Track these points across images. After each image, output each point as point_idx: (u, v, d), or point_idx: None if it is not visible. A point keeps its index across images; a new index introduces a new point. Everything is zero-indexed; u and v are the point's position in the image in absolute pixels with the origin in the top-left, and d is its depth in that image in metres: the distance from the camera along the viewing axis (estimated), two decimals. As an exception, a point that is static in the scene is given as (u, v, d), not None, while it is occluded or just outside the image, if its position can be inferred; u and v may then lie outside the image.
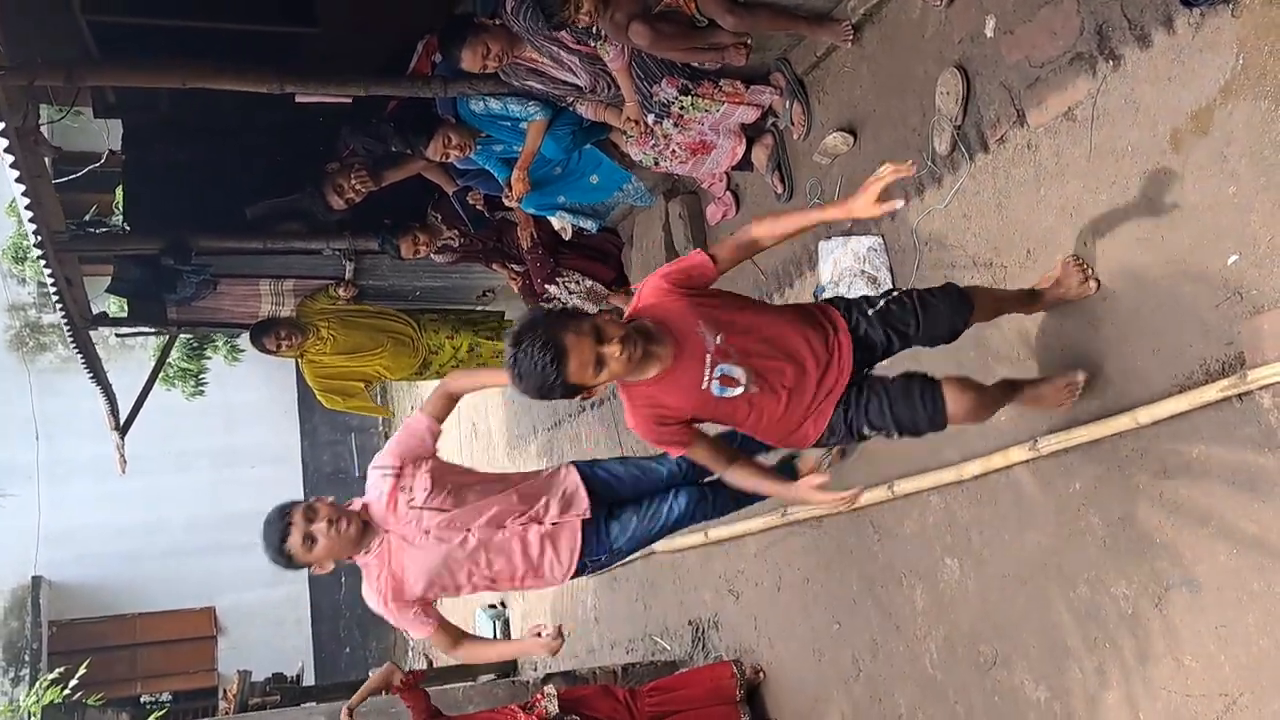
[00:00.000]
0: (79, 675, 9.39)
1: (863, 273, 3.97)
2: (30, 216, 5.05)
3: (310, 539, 3.28)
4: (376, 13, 5.61)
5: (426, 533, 3.41)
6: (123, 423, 7.31)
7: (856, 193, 2.70)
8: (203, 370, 12.47)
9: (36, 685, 9.72)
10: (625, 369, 2.65)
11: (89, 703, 9.86)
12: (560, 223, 5.65)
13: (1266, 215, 2.52)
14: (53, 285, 5.83)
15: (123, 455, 7.58)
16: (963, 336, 3.03)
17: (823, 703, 4.55)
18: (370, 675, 4.55)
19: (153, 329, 7.69)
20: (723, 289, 2.91)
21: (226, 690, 9.64)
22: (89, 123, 6.80)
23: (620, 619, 6.77)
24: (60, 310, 6.21)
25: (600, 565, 3.76)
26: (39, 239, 5.26)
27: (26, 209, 4.98)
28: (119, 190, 7.16)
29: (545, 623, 3.53)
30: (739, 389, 2.76)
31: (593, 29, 4.09)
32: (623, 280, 6.23)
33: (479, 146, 5.04)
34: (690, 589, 5.75)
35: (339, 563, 3.43)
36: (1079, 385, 3.05)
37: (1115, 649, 3.05)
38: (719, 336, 2.73)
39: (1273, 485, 2.55)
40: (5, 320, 14.94)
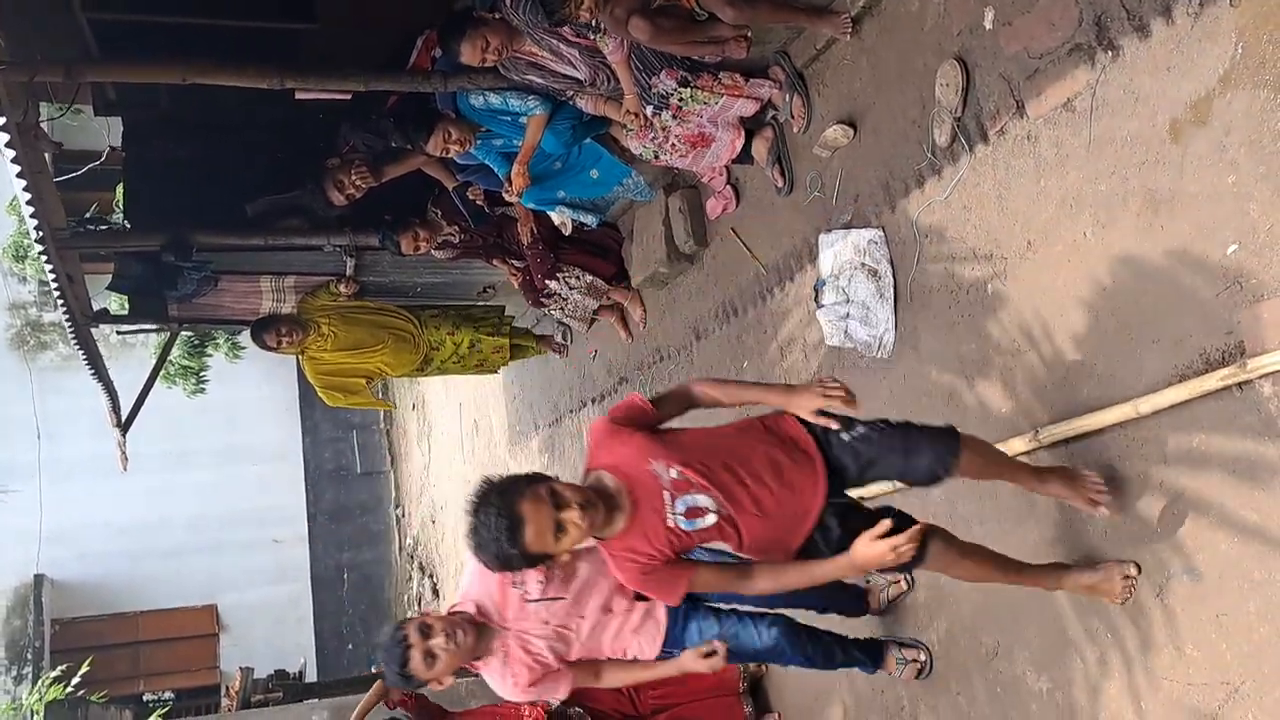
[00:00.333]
0: (81, 673, 9.43)
1: (863, 265, 3.97)
2: (31, 213, 5.06)
3: (431, 655, 3.19)
4: (376, 9, 5.62)
5: (546, 623, 3.32)
6: (124, 420, 7.31)
7: (803, 388, 2.78)
8: (204, 368, 12.50)
9: (39, 683, 9.74)
10: (586, 533, 2.59)
11: (92, 700, 9.89)
12: (560, 218, 5.66)
13: (1266, 204, 2.52)
14: (54, 282, 5.85)
15: (124, 453, 7.60)
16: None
17: (825, 695, 4.55)
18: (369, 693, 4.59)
19: (154, 326, 7.70)
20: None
21: (229, 687, 9.67)
22: (89, 120, 6.80)
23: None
24: (62, 307, 6.22)
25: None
26: (40, 235, 5.27)
27: (28, 205, 4.99)
28: (119, 188, 7.17)
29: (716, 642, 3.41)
30: (710, 516, 2.67)
31: (592, 23, 4.09)
32: (623, 275, 6.24)
33: (479, 141, 5.05)
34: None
35: (460, 674, 3.35)
36: (1134, 578, 2.95)
37: (1116, 639, 3.06)
38: (674, 469, 2.66)
39: (1273, 474, 2.56)
40: (6, 319, 14.97)
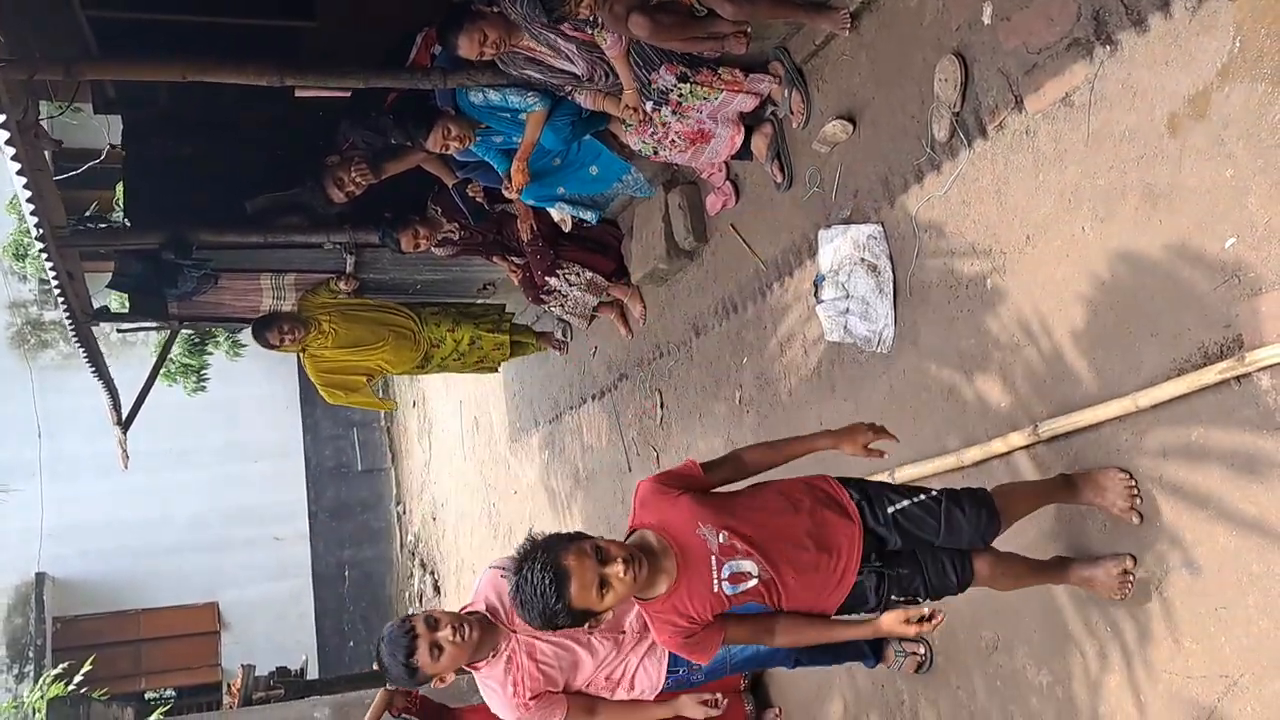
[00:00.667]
0: (83, 671, 9.44)
1: (862, 260, 3.97)
2: (31, 210, 5.06)
3: (436, 648, 3.20)
4: (376, 6, 5.61)
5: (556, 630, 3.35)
6: (125, 419, 7.32)
7: (852, 426, 2.83)
8: (204, 365, 12.51)
9: (41, 681, 9.76)
10: (631, 589, 2.57)
11: (93, 698, 9.90)
12: (560, 214, 5.66)
13: (1264, 198, 2.52)
14: (54, 280, 5.85)
15: (125, 451, 7.60)
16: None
17: (825, 691, 4.56)
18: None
19: (154, 324, 7.70)
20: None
21: (230, 685, 9.69)
22: (88, 118, 6.81)
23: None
24: (62, 306, 6.23)
25: (682, 680, 3.62)
26: (40, 233, 5.27)
27: (28, 203, 4.99)
28: (119, 186, 7.17)
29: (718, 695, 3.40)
30: (751, 581, 2.68)
31: (591, 18, 4.09)
32: (622, 271, 6.24)
33: (478, 138, 5.05)
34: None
35: (461, 672, 3.35)
36: (1131, 572, 2.97)
37: (1116, 632, 3.06)
38: (721, 534, 2.66)
39: (1272, 467, 2.56)
40: (7, 317, 14.98)
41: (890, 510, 2.83)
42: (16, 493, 13.35)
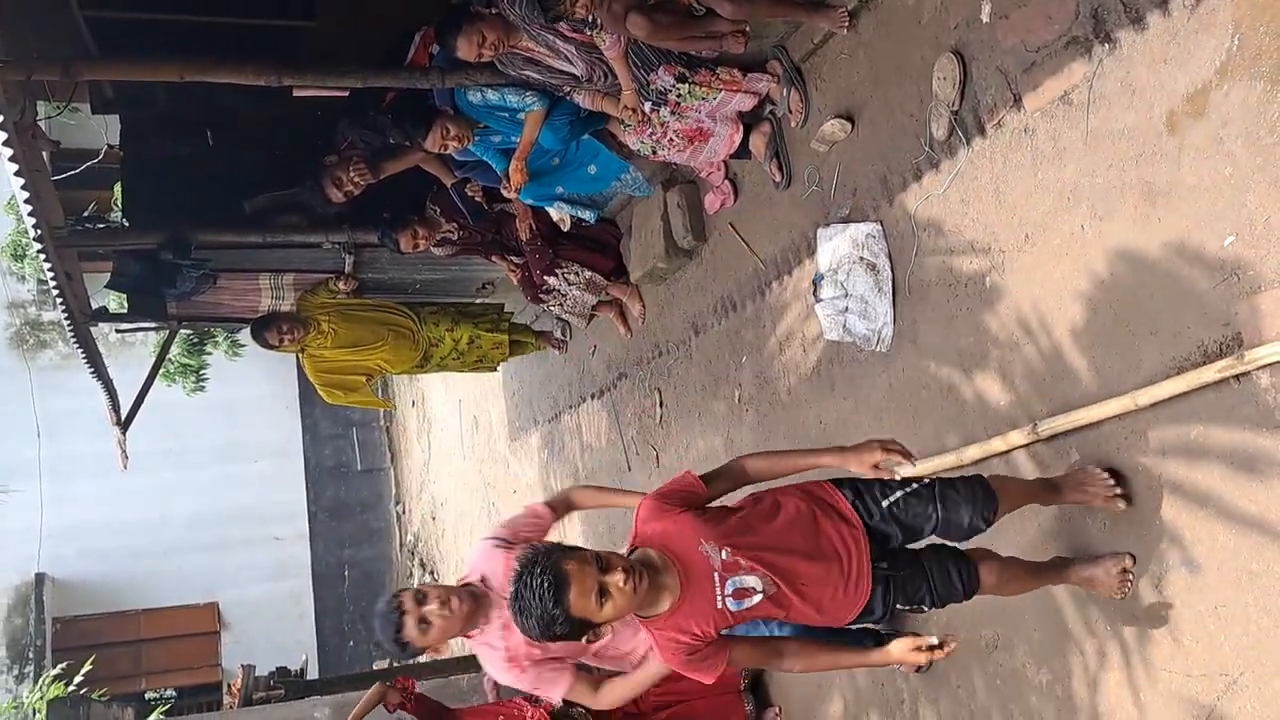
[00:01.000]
0: (83, 672, 9.44)
1: (861, 259, 3.97)
2: (29, 211, 5.06)
3: (425, 622, 3.22)
4: (375, 6, 5.61)
5: None
6: (124, 419, 7.31)
7: (863, 445, 2.77)
8: (203, 365, 12.51)
9: (40, 682, 9.75)
10: (631, 601, 2.52)
11: (94, 699, 9.89)
12: (559, 214, 5.66)
13: (1263, 196, 2.52)
14: (53, 281, 5.84)
15: (124, 451, 7.60)
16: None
17: (825, 689, 4.56)
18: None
19: (153, 324, 7.70)
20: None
21: (231, 685, 9.67)
22: (86, 119, 6.80)
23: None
24: (60, 306, 6.22)
25: None
26: (38, 234, 5.27)
27: (26, 203, 4.99)
28: (117, 186, 7.16)
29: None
30: (757, 596, 2.65)
31: (589, 19, 4.09)
32: (621, 271, 6.24)
33: (477, 138, 5.04)
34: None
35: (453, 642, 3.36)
36: (1131, 570, 2.97)
37: (1115, 631, 3.07)
38: (724, 550, 2.64)
39: (1271, 465, 2.56)
40: (5, 318, 14.98)
41: (885, 504, 2.83)
42: (16, 493, 13.34)
